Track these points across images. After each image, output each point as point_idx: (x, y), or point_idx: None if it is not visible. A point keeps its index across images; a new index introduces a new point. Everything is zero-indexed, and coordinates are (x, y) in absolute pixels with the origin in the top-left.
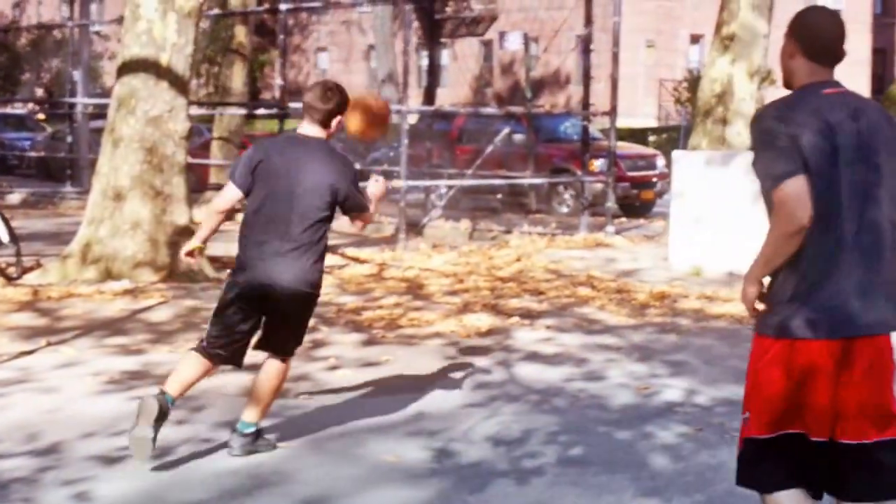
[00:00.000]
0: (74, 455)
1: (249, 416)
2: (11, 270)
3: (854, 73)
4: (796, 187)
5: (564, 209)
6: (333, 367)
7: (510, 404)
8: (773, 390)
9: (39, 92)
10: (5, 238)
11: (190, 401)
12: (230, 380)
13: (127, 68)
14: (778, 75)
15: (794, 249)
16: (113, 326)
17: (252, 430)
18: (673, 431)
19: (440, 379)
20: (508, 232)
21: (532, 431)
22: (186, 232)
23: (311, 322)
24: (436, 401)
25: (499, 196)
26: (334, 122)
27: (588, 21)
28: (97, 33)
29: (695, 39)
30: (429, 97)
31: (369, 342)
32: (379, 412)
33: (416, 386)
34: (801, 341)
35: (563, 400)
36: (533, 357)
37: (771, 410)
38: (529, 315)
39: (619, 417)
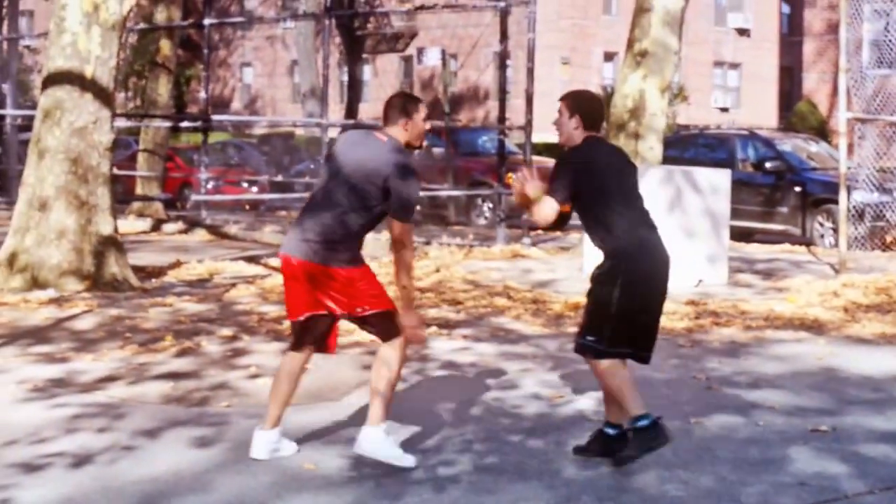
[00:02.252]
0: None
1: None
2: None
3: (762, 91)
4: None
5: (482, 221)
6: (254, 376)
7: (426, 414)
8: None
9: None
10: None
11: (111, 409)
12: (151, 388)
13: (52, 80)
14: (690, 91)
15: None
16: (38, 335)
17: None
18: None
19: (358, 387)
20: (428, 243)
21: (447, 439)
22: (111, 242)
23: (232, 331)
24: (353, 409)
25: (418, 208)
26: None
27: (503, 38)
28: (27, 47)
29: (608, 57)
30: (350, 111)
31: None
32: (297, 420)
33: (334, 394)
34: None
35: (478, 409)
36: (450, 366)
37: None
38: (447, 325)
39: (532, 426)
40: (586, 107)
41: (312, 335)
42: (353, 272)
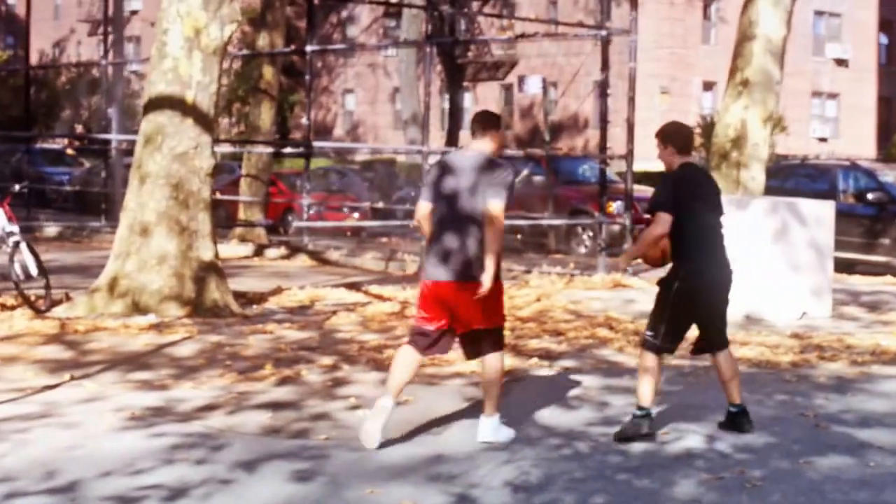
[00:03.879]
0: (90, 495)
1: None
2: (40, 303)
3: (860, 121)
4: None
5: (583, 250)
6: (354, 407)
7: (530, 448)
8: None
9: (79, 129)
10: (34, 271)
11: (209, 439)
12: (250, 418)
13: (153, 105)
14: (788, 121)
15: None
16: (137, 361)
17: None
18: (693, 479)
19: (460, 420)
20: (528, 272)
21: (552, 477)
22: (211, 267)
23: (332, 360)
24: (455, 443)
25: (519, 236)
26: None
27: (604, 66)
28: (134, 72)
29: (707, 86)
30: (451, 138)
31: None
32: (398, 455)
33: (435, 428)
34: None
35: (584, 444)
36: (553, 399)
37: None
38: (549, 356)
39: (639, 464)
40: (675, 136)
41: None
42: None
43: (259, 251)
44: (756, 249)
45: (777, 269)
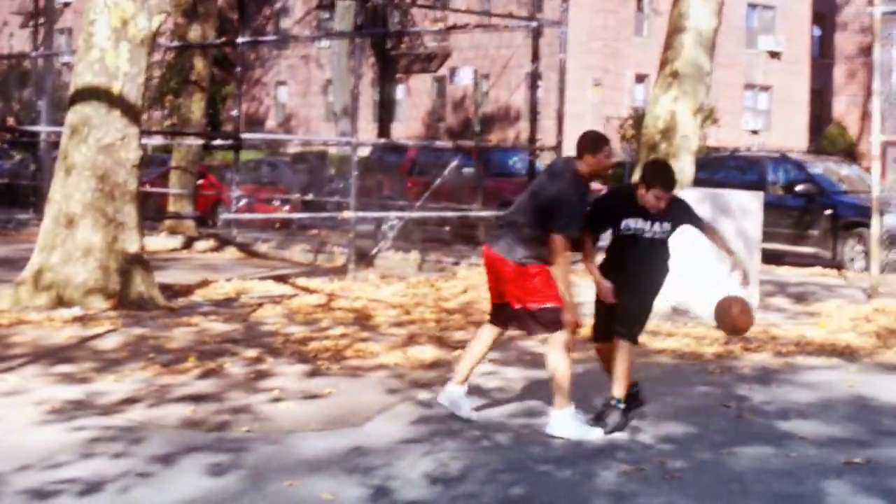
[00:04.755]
0: (7, 489)
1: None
2: None
3: (792, 114)
4: None
5: None
6: (276, 400)
7: (451, 440)
8: None
9: (11, 121)
10: None
11: (129, 432)
12: (171, 411)
13: (79, 96)
14: (721, 114)
15: None
16: (60, 354)
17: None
18: (614, 471)
19: (381, 412)
20: (457, 264)
21: (472, 469)
22: (137, 260)
23: (256, 353)
24: (376, 435)
25: (447, 228)
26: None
27: (535, 58)
28: (65, 64)
29: (640, 79)
30: (382, 130)
31: (314, 373)
32: (319, 447)
33: (357, 419)
34: None
35: (504, 436)
36: (475, 391)
37: None
38: None
39: (560, 455)
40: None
41: None
42: None
43: (188, 243)
44: (683, 241)
45: (704, 261)
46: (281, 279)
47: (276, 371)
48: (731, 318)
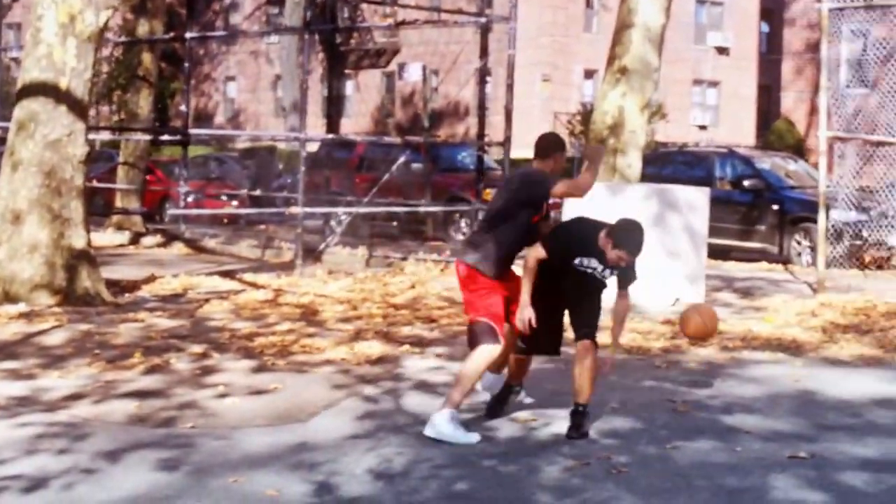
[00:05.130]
0: None
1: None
2: None
3: (740, 110)
4: None
5: (460, 237)
6: (222, 395)
7: (396, 435)
8: None
9: None
10: None
11: (74, 429)
12: (116, 407)
13: (26, 92)
14: (669, 109)
15: None
16: (5, 350)
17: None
18: (559, 466)
19: (327, 408)
20: (405, 259)
21: (416, 464)
22: (83, 256)
23: (202, 348)
24: (321, 431)
25: (396, 223)
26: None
27: (483, 54)
28: (14, 59)
29: (589, 74)
30: (331, 126)
31: (260, 369)
32: (263, 443)
33: (302, 415)
34: None
35: None
36: (422, 386)
37: None
38: (420, 343)
39: (505, 450)
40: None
41: None
42: None
43: (135, 239)
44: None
45: (651, 256)
46: (228, 275)
47: (222, 367)
48: (698, 325)
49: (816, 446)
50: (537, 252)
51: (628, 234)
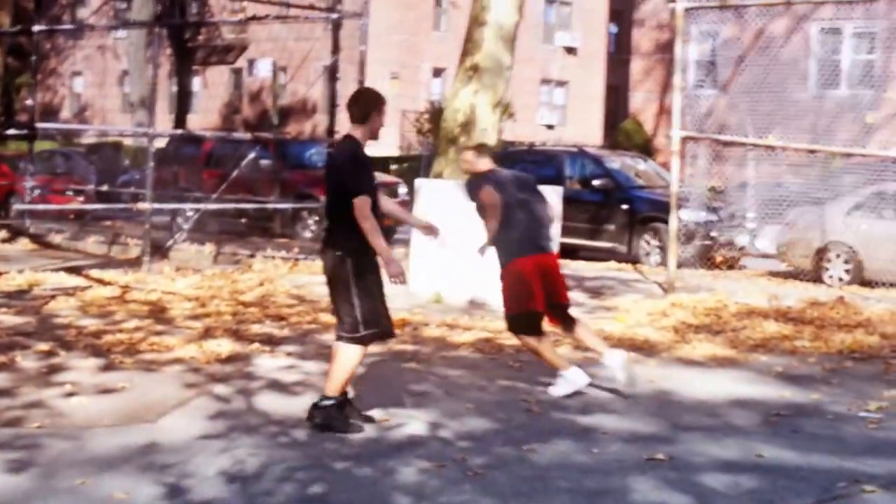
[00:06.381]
0: None
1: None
2: None
3: (588, 109)
4: None
5: (308, 234)
6: (70, 394)
7: (248, 436)
8: None
9: None
10: None
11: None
12: None
13: None
14: (517, 108)
15: None
16: None
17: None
18: (415, 467)
19: (176, 408)
20: (253, 256)
21: (269, 466)
22: None
23: (49, 346)
24: (171, 432)
25: (244, 220)
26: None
27: (335, 50)
28: None
29: (437, 72)
30: (179, 122)
31: (108, 367)
32: (112, 444)
33: (151, 415)
34: None
35: (302, 432)
36: (274, 385)
37: None
38: (271, 341)
39: (359, 452)
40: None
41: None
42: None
43: None
44: (479, 234)
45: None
46: (74, 271)
47: (69, 365)
48: None
49: (674, 448)
50: None
51: None
